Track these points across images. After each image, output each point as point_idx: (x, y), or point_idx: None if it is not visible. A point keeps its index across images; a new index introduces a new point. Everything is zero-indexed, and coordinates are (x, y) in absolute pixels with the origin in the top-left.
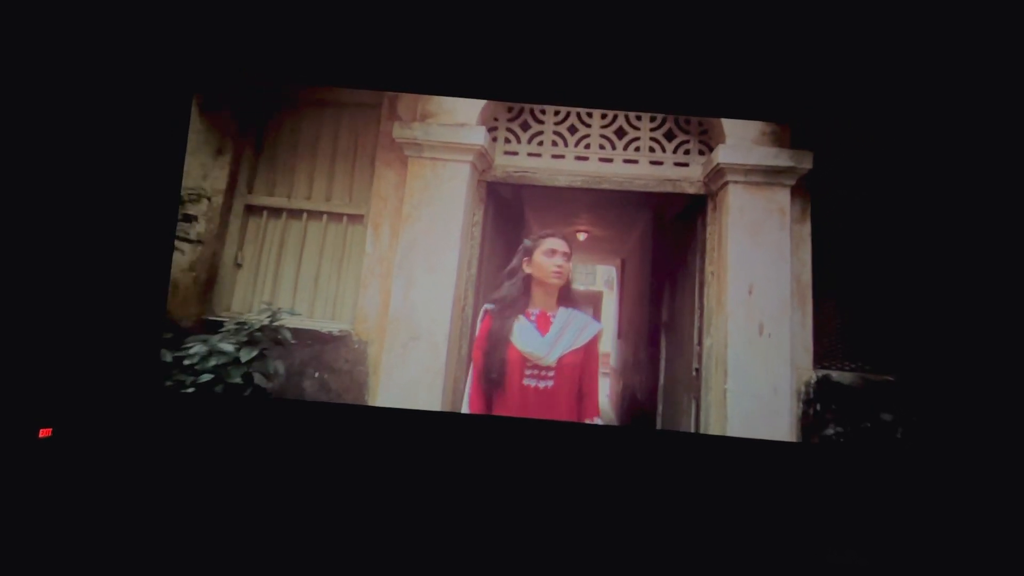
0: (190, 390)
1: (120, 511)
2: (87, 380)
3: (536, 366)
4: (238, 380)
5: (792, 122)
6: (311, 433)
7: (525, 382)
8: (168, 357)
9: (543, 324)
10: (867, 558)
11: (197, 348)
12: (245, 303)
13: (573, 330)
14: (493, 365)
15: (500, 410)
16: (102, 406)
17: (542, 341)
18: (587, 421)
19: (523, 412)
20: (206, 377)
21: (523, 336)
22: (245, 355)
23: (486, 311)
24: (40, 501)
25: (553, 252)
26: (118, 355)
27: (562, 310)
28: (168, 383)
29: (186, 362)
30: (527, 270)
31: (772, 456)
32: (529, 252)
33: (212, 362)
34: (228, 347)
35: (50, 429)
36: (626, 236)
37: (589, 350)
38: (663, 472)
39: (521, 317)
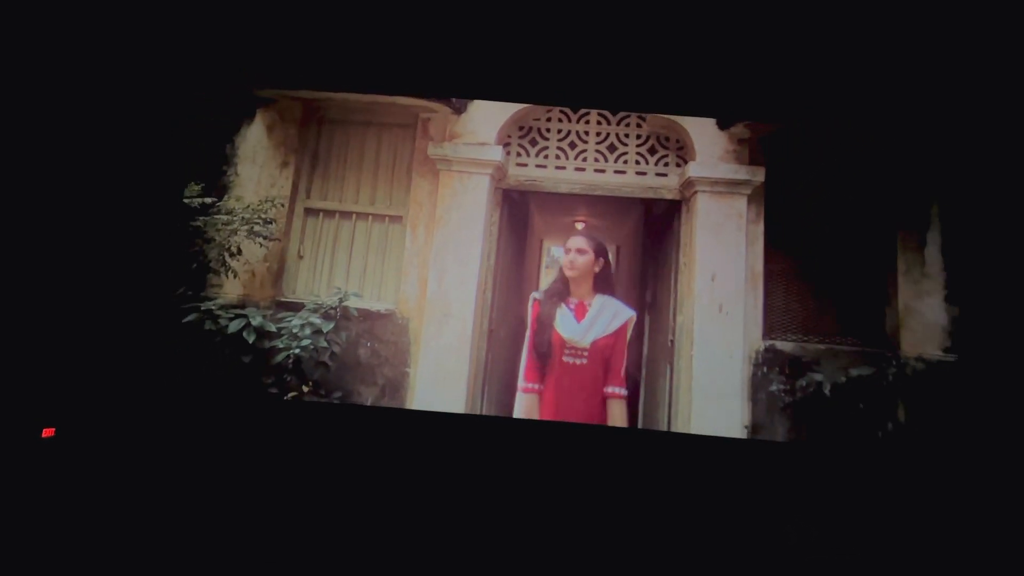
0: (296, 351)
1: (123, 513)
2: (90, 380)
3: (574, 347)
4: (324, 344)
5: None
6: (310, 434)
7: (564, 359)
8: (273, 327)
9: (580, 312)
10: (817, 529)
11: (296, 320)
12: (307, 288)
13: (606, 317)
14: (542, 344)
15: (547, 380)
16: (105, 406)
17: (578, 327)
18: (608, 388)
19: (560, 383)
20: (306, 342)
21: (563, 323)
22: (326, 327)
23: (534, 299)
24: (43, 503)
25: (568, 250)
26: (120, 355)
27: (598, 297)
28: (280, 344)
29: (293, 331)
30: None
31: (756, 455)
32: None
33: (308, 331)
34: (316, 320)
35: (53, 429)
36: (621, 225)
37: (619, 334)
38: (646, 470)
39: (563, 305)
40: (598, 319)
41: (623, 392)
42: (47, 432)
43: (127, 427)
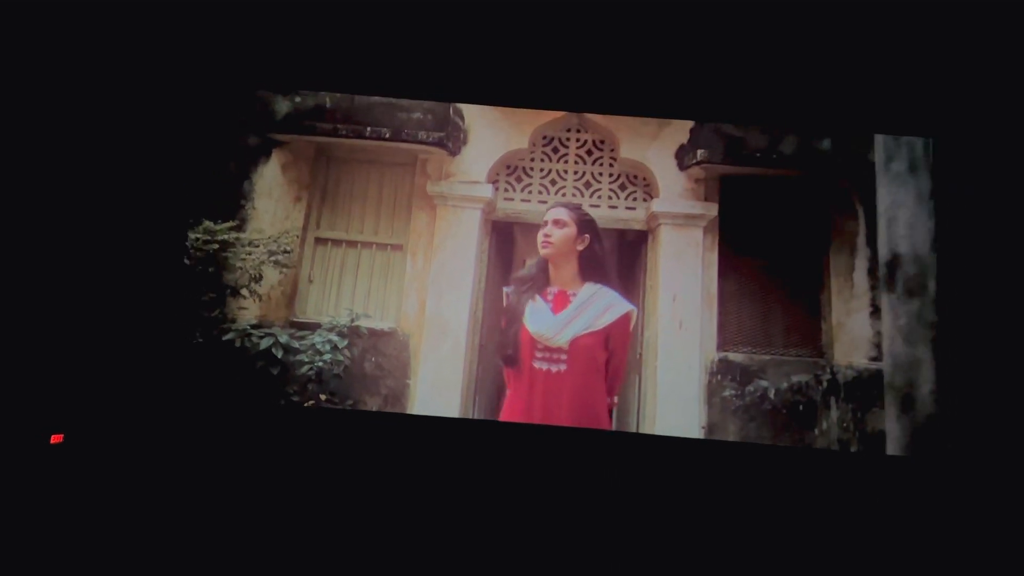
0: (320, 364)
1: (130, 519)
2: (99, 386)
3: (547, 348)
4: (340, 358)
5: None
6: (311, 438)
7: (535, 364)
8: (297, 345)
9: (560, 304)
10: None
11: (318, 338)
12: (316, 309)
13: (595, 310)
14: (507, 341)
15: (513, 392)
16: (114, 412)
17: (553, 320)
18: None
19: (530, 397)
20: (327, 356)
21: (533, 316)
22: (341, 343)
23: (505, 293)
24: (52, 508)
25: (545, 223)
26: (129, 361)
27: (587, 287)
28: (305, 358)
29: (316, 346)
30: None
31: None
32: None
33: (328, 347)
34: (335, 338)
35: (62, 435)
36: None
37: (615, 331)
38: (623, 470)
39: (537, 297)
40: (583, 312)
41: (613, 402)
42: (56, 438)
43: (129, 434)
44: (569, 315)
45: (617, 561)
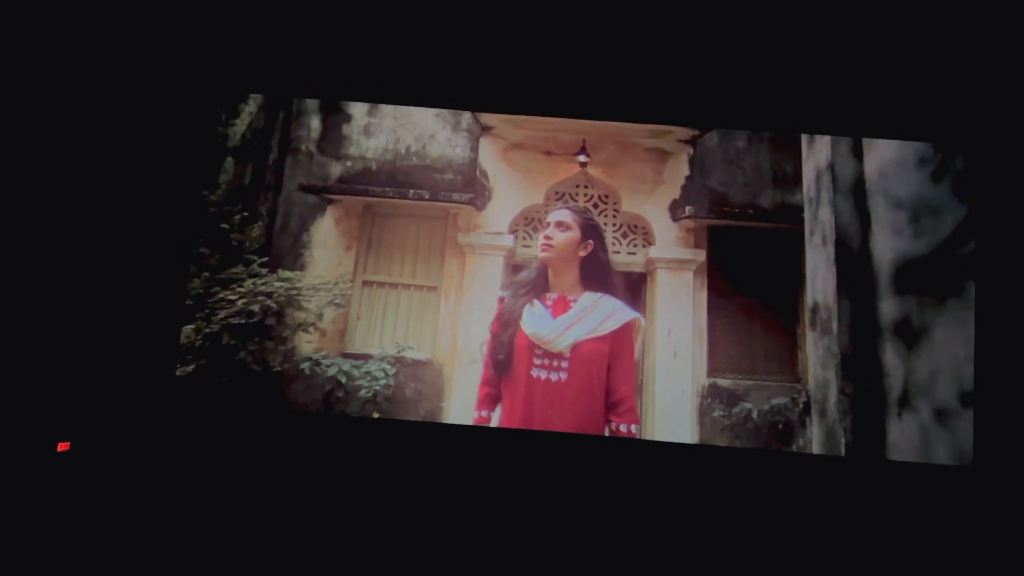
0: (376, 388)
1: (137, 527)
2: (106, 395)
3: (546, 353)
4: (391, 384)
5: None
6: (311, 442)
7: (533, 372)
8: (356, 372)
9: (560, 308)
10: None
11: (374, 366)
12: (363, 343)
13: (598, 315)
14: (500, 348)
15: (507, 403)
16: (120, 420)
17: (553, 324)
18: (620, 427)
19: (528, 409)
20: (383, 381)
21: (531, 318)
22: (391, 371)
23: (500, 298)
24: (58, 516)
25: (546, 224)
26: (135, 371)
27: (587, 295)
28: (363, 383)
29: (373, 374)
30: None
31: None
32: None
33: (382, 374)
34: (387, 366)
35: (68, 443)
36: None
37: (619, 339)
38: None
39: (536, 302)
40: (585, 317)
41: (635, 431)
42: (62, 447)
43: (135, 442)
44: (571, 318)
45: (615, 563)
